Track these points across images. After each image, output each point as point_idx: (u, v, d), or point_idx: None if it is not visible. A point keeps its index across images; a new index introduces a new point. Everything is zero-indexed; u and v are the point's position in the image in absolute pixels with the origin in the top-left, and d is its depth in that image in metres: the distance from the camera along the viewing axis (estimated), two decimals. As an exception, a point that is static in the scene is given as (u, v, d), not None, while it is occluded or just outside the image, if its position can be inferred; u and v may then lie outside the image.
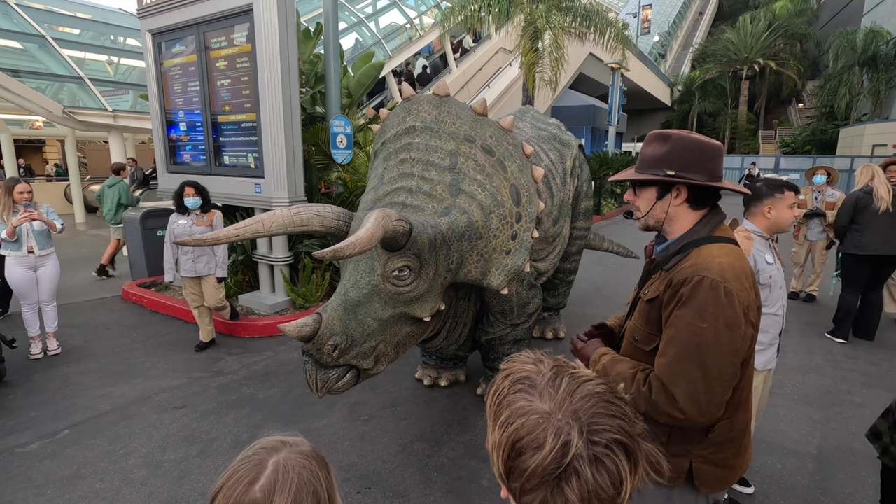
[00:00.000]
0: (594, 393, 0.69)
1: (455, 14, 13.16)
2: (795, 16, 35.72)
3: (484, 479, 2.88)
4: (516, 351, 3.37)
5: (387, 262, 2.41)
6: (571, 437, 0.63)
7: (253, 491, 0.73)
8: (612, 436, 0.64)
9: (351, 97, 6.67)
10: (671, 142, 1.43)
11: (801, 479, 2.89)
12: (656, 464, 0.68)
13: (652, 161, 1.46)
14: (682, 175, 1.41)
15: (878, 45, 24.22)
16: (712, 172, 1.42)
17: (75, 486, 2.81)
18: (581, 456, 0.63)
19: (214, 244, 2.33)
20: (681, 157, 1.42)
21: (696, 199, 1.44)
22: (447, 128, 2.84)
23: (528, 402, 0.69)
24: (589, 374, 0.73)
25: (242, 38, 5.07)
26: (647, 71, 30.27)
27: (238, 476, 0.75)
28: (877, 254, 4.70)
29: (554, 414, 0.66)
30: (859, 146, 22.41)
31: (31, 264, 4.40)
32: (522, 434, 0.66)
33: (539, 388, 0.71)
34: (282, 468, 0.75)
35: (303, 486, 0.75)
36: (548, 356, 0.78)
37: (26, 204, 4.28)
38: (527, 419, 0.67)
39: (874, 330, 5.02)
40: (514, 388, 0.73)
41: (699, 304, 1.29)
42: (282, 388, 4.00)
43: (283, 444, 0.80)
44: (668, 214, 1.47)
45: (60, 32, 9.77)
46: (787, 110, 36.08)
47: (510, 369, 0.77)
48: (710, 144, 1.43)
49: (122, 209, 7.18)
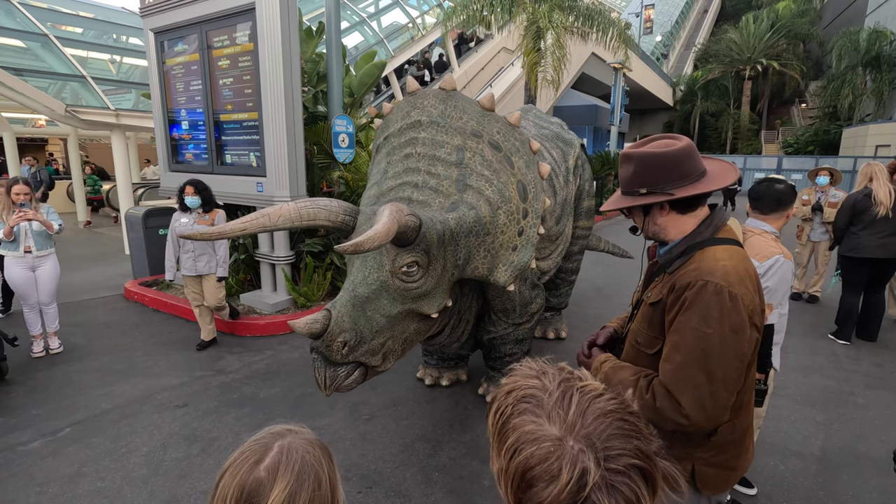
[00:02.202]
0: (607, 411, 0.64)
1: (457, 13, 13.15)
2: (798, 16, 35.59)
3: (485, 479, 2.87)
4: (518, 350, 3.34)
5: (395, 257, 2.40)
6: (588, 466, 0.59)
7: (258, 470, 0.75)
8: (629, 461, 0.61)
9: (353, 96, 6.66)
10: (634, 161, 1.42)
11: (804, 480, 2.88)
12: (673, 481, 0.64)
13: (625, 183, 1.46)
14: (654, 191, 1.39)
15: (882, 46, 24.12)
16: (687, 174, 1.38)
17: (76, 484, 2.81)
18: (598, 486, 0.58)
19: (221, 237, 2.33)
20: (648, 175, 1.40)
21: (683, 205, 1.42)
22: (454, 123, 2.81)
23: (536, 425, 0.64)
24: (598, 388, 0.68)
25: (245, 37, 5.06)
26: (649, 71, 30.22)
27: (245, 456, 0.78)
28: (873, 257, 4.67)
29: (566, 439, 0.62)
30: (862, 147, 22.33)
31: (29, 264, 4.39)
32: (533, 463, 0.62)
33: (547, 409, 0.65)
34: (286, 451, 0.78)
35: (305, 468, 0.77)
36: (552, 366, 0.73)
37: (22, 204, 4.28)
38: (537, 447, 0.62)
39: (876, 331, 4.99)
40: (519, 407, 0.67)
41: (704, 309, 1.27)
42: (283, 387, 4.00)
43: (289, 431, 0.83)
44: (660, 226, 1.47)
45: (63, 31, 9.77)
46: (790, 111, 35.96)
47: (512, 384, 0.71)
48: (670, 153, 1.37)
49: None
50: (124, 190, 8.58)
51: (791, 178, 18.68)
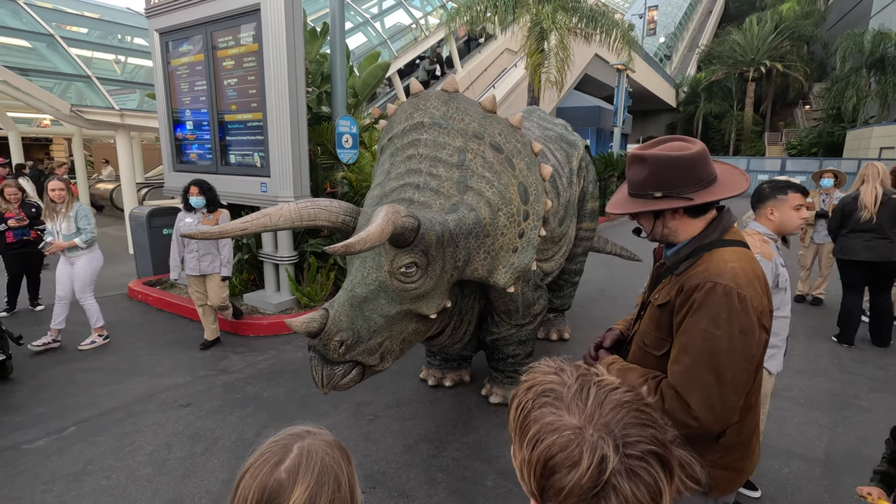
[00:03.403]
0: (623, 402, 0.67)
1: (461, 14, 13.16)
2: (802, 17, 35.49)
3: (488, 479, 2.87)
4: (521, 352, 3.35)
5: (394, 258, 2.41)
6: (607, 453, 0.62)
7: (278, 472, 0.76)
8: (646, 447, 0.63)
9: (357, 97, 6.68)
10: (649, 163, 1.39)
11: (808, 483, 2.87)
12: (690, 469, 0.67)
13: (637, 185, 1.44)
14: (671, 195, 1.38)
15: (886, 48, 24.02)
16: (700, 179, 1.37)
17: (82, 482, 2.83)
18: (618, 471, 0.61)
19: (222, 237, 2.35)
20: (663, 178, 1.38)
21: (696, 209, 1.42)
22: (456, 124, 2.82)
23: (556, 416, 0.68)
24: (615, 382, 0.71)
25: (249, 38, 5.08)
26: (652, 72, 30.18)
27: (265, 458, 0.79)
28: (860, 259, 4.67)
29: (585, 428, 0.65)
30: (866, 149, 22.25)
31: (67, 259, 4.64)
32: (555, 451, 0.65)
33: (566, 401, 0.69)
34: (306, 452, 0.79)
35: (325, 470, 0.78)
36: (569, 364, 0.76)
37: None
38: (558, 436, 0.65)
39: (886, 337, 4.89)
40: (540, 401, 0.71)
41: (713, 310, 1.27)
42: (287, 387, 4.01)
43: (309, 433, 0.84)
44: (671, 229, 1.46)
45: (68, 31, 9.83)
46: (794, 112, 35.87)
47: (532, 381, 0.75)
48: (688, 155, 1.36)
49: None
50: (129, 189, 8.61)
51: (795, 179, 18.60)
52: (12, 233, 5.27)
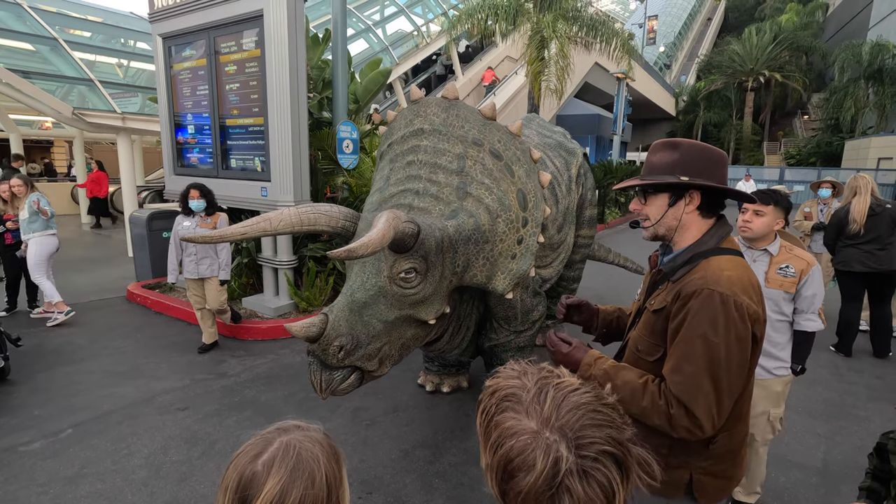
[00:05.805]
0: (581, 404, 0.68)
1: (462, 22, 13.26)
2: (801, 28, 35.80)
3: (485, 486, 2.86)
4: (520, 358, 3.35)
5: (394, 263, 2.41)
6: (561, 454, 0.63)
7: (256, 463, 0.77)
8: (600, 447, 0.64)
9: (358, 103, 6.72)
10: (681, 149, 1.43)
11: (806, 492, 2.87)
12: (647, 467, 0.68)
13: (662, 168, 1.44)
14: (696, 180, 1.40)
15: (884, 59, 24.22)
16: (721, 179, 1.43)
17: (77, 485, 2.82)
18: (571, 472, 0.62)
19: (222, 241, 2.36)
20: (693, 164, 1.41)
21: (708, 207, 1.44)
22: (455, 131, 2.84)
23: (515, 420, 0.69)
24: (574, 384, 0.72)
25: (252, 43, 5.12)
26: (652, 81, 30.35)
27: (248, 449, 0.80)
28: (854, 270, 4.69)
29: (542, 432, 0.66)
30: (864, 159, 22.38)
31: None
32: (513, 456, 0.66)
33: (525, 405, 0.70)
34: (285, 447, 0.79)
35: (301, 465, 0.78)
36: (533, 366, 0.77)
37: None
38: (516, 440, 0.67)
39: (885, 348, 4.90)
40: (501, 406, 0.72)
41: (710, 318, 1.29)
42: (284, 391, 4.00)
43: (297, 428, 0.85)
44: (681, 222, 1.45)
45: (71, 35, 9.89)
46: (793, 122, 36.07)
47: (495, 385, 0.76)
48: (717, 152, 1.45)
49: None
50: (129, 192, 8.63)
51: (793, 189, 18.67)
52: (11, 234, 5.29)
